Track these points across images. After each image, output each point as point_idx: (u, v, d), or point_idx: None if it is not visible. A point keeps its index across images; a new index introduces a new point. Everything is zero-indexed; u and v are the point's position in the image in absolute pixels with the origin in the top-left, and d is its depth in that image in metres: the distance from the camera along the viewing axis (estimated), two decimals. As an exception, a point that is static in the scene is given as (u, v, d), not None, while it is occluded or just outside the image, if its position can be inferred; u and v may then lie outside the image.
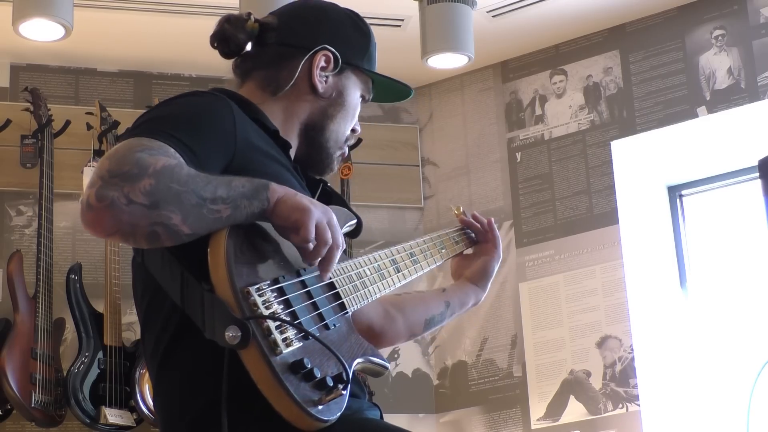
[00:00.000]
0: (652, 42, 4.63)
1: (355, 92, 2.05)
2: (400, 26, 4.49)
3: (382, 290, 1.98)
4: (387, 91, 2.15)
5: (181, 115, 1.78)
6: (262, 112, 1.94)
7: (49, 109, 4.47)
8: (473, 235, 2.39)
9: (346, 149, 2.07)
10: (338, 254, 1.76)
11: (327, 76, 2.01)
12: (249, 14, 2.02)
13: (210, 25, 2.04)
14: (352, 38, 2.05)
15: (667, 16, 4.62)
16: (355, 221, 1.96)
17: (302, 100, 2.00)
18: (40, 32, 4.04)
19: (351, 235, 1.99)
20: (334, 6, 2.09)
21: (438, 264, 2.25)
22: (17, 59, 4.66)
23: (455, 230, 2.37)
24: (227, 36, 2.01)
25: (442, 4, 4.24)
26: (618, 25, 4.70)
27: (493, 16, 4.55)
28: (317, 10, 2.07)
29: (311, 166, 2.04)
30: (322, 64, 2.00)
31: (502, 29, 4.65)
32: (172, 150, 1.68)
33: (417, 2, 4.33)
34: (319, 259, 1.73)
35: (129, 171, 1.61)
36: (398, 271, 2.06)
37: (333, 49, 2.00)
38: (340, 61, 2.01)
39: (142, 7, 4.35)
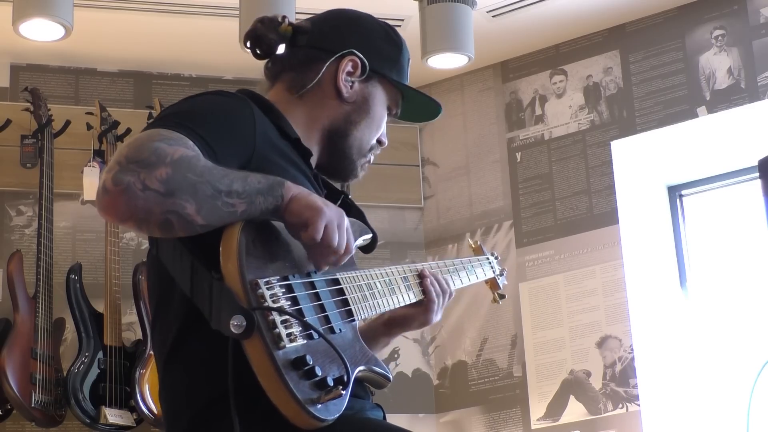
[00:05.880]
0: (652, 42, 4.63)
1: (381, 102, 2.05)
2: (400, 26, 4.48)
3: (391, 305, 1.98)
4: (416, 110, 2.14)
5: (203, 112, 1.79)
6: (284, 119, 1.95)
7: (49, 109, 4.47)
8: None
9: (371, 158, 2.08)
10: (345, 258, 1.77)
11: (353, 82, 2.01)
12: (284, 17, 2.03)
13: (210, 25, 2.05)
14: (383, 48, 2.05)
15: (667, 16, 4.62)
16: (370, 236, 1.96)
17: (326, 105, 2.01)
18: (40, 32, 4.03)
19: (365, 249, 1.99)
20: (369, 16, 2.10)
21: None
22: (17, 59, 4.66)
23: (471, 262, 2.34)
24: (259, 37, 2.02)
25: (442, 4, 4.24)
26: (618, 25, 4.70)
27: (493, 16, 4.55)
28: (350, 17, 2.09)
29: (333, 173, 2.06)
30: (349, 68, 2.01)
31: (502, 29, 4.65)
32: (191, 142, 1.70)
33: (417, 2, 4.33)
34: (325, 263, 1.75)
35: (147, 158, 1.62)
36: (409, 290, 2.05)
37: (361, 56, 2.01)
38: (368, 68, 2.01)
39: (142, 7, 4.35)
